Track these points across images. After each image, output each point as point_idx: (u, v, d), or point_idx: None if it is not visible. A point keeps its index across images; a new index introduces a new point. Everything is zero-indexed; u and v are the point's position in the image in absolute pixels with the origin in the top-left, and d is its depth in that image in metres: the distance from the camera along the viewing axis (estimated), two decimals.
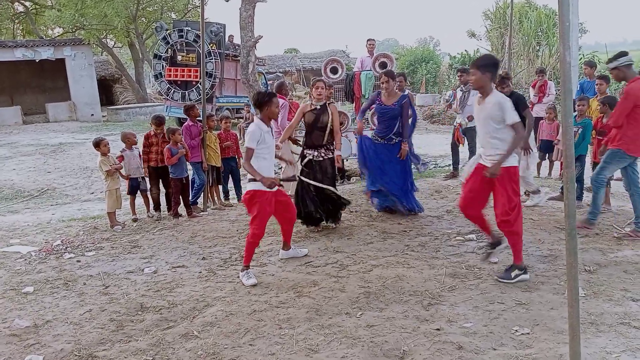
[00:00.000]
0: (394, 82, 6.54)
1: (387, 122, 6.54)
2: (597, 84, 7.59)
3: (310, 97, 6.11)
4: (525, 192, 6.80)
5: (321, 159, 5.99)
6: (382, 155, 6.58)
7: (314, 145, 6.00)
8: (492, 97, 4.40)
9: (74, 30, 25.34)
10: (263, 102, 4.77)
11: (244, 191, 5.14)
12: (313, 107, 5.96)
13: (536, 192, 6.85)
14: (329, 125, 5.92)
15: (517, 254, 4.51)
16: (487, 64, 4.41)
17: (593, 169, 6.19)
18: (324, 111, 5.92)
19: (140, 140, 7.28)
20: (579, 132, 6.63)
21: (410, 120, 6.67)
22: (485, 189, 4.57)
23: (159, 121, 7.33)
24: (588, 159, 7.09)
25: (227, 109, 17.74)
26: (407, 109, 6.48)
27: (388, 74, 6.50)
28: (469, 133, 8.34)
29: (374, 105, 6.71)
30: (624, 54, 5.44)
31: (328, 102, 6.06)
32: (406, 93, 6.74)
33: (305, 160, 6.05)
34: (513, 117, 4.30)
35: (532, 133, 9.62)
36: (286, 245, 5.34)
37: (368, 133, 7.55)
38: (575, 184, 5.08)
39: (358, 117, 7.10)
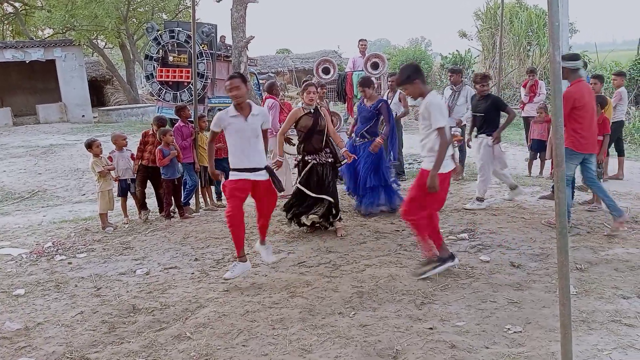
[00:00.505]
0: (370, 89, 6.76)
1: (362, 121, 6.85)
2: (591, 83, 7.61)
3: (301, 99, 6.08)
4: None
5: (324, 162, 5.92)
6: (356, 155, 6.70)
7: (315, 150, 5.92)
8: (426, 99, 4.41)
9: (64, 31, 25.16)
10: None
11: None
12: (307, 111, 5.86)
13: (479, 200, 6.87)
14: (326, 128, 5.92)
15: (424, 248, 4.61)
16: (411, 74, 4.47)
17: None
18: (319, 114, 5.88)
19: (138, 138, 7.30)
20: None
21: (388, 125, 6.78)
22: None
23: (160, 122, 7.39)
24: None
25: (219, 109, 17.66)
26: (384, 111, 6.67)
27: (361, 83, 6.81)
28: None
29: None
30: (575, 57, 5.65)
31: (319, 105, 6.04)
32: (385, 98, 6.92)
33: (309, 166, 5.91)
34: (438, 121, 4.28)
35: (524, 133, 9.73)
36: (262, 241, 5.11)
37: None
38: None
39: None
